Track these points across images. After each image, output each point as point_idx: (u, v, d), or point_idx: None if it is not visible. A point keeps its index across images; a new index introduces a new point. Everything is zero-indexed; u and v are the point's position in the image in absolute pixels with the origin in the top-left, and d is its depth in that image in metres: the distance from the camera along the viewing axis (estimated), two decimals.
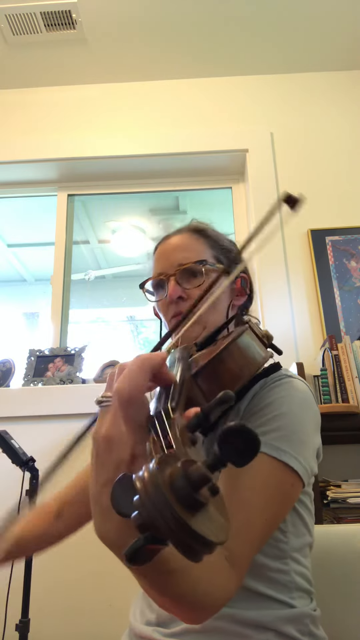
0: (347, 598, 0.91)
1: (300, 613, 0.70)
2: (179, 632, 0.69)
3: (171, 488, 0.26)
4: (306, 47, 2.26)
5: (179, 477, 0.27)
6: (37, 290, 3.53)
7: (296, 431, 0.68)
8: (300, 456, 0.67)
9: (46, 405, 1.80)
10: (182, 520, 0.25)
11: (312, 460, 0.71)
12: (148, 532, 0.26)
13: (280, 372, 0.76)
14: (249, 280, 0.92)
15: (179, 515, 0.25)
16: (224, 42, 2.23)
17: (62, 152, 2.27)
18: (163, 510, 0.26)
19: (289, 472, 0.65)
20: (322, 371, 1.60)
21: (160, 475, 0.27)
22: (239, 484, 0.64)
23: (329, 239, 2.03)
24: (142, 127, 2.32)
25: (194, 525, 0.25)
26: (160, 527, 0.26)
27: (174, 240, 0.90)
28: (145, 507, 0.26)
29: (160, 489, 0.26)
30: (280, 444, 0.66)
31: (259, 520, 0.62)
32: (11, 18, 2.07)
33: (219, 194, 2.44)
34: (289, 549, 0.72)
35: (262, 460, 0.65)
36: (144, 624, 0.75)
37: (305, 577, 0.74)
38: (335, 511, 1.43)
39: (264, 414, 0.70)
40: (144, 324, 3.25)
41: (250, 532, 0.61)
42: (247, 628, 0.66)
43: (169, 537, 0.26)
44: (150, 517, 0.26)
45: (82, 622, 1.55)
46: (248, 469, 0.63)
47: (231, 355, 0.61)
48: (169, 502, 0.26)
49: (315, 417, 0.75)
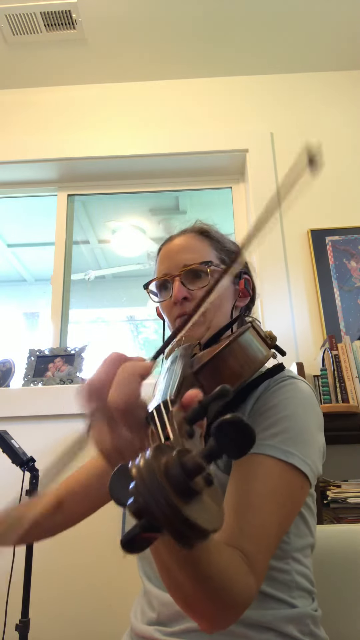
0: (347, 598, 0.91)
1: (301, 613, 0.70)
2: (179, 632, 0.69)
3: (166, 475, 0.27)
4: (306, 47, 2.26)
5: (174, 465, 0.27)
6: (37, 290, 3.53)
7: (302, 433, 0.69)
8: (308, 458, 0.67)
9: (46, 405, 1.80)
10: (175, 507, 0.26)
11: (318, 462, 0.71)
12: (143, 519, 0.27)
13: (284, 373, 0.77)
14: (252, 281, 0.92)
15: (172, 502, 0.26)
16: (224, 42, 2.23)
17: (62, 152, 2.27)
18: (157, 497, 0.26)
19: (297, 474, 0.66)
20: (322, 371, 1.60)
21: (155, 463, 0.28)
22: (250, 489, 0.64)
23: (329, 239, 2.03)
24: (142, 127, 2.32)
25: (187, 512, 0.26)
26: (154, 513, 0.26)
27: (179, 241, 0.91)
28: (140, 493, 0.27)
29: (155, 476, 0.27)
30: (287, 446, 0.66)
31: (273, 524, 0.63)
32: (11, 18, 2.07)
33: (219, 194, 2.44)
34: (290, 550, 0.72)
35: (271, 464, 0.65)
36: (145, 623, 0.75)
37: (306, 577, 0.74)
38: (335, 511, 1.43)
39: (269, 416, 0.70)
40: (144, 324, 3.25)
41: (266, 537, 0.61)
42: (248, 628, 0.66)
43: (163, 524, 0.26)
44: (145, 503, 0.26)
45: (82, 622, 1.55)
46: (257, 473, 0.64)
47: (233, 353, 0.61)
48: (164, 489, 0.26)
49: (319, 418, 0.76)
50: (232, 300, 0.89)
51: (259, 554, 0.59)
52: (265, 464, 0.65)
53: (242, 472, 0.66)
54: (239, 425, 0.28)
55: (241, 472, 0.66)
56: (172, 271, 0.87)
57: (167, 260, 0.89)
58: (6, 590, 1.39)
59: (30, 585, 1.30)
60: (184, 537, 0.26)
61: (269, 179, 2.15)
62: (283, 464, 0.65)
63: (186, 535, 0.26)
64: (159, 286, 0.90)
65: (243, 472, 0.66)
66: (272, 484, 0.64)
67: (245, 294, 0.91)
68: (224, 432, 0.28)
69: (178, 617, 0.70)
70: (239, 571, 0.56)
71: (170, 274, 0.87)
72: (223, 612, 0.54)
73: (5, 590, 1.40)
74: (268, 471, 0.65)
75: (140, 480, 0.27)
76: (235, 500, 0.64)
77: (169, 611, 0.72)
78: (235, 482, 0.66)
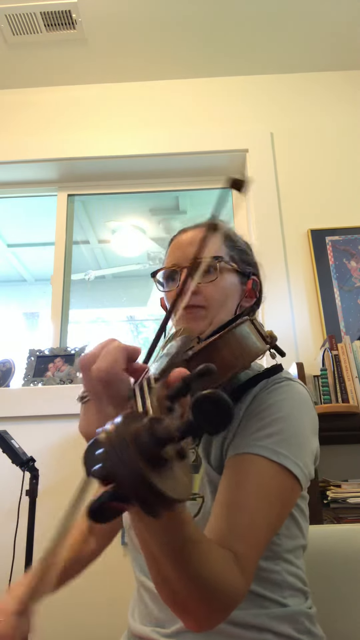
0: (347, 598, 0.92)
1: (294, 612, 0.70)
2: (176, 632, 0.69)
3: (135, 440, 0.27)
4: (306, 47, 2.26)
5: (144, 432, 0.27)
6: (37, 290, 3.53)
7: (295, 435, 0.69)
8: (300, 461, 0.67)
9: (46, 405, 1.80)
10: (141, 473, 0.25)
11: (310, 465, 0.71)
12: (111, 486, 0.26)
13: (281, 375, 0.77)
14: (260, 283, 0.92)
15: (139, 467, 0.25)
16: (223, 43, 2.23)
17: (62, 152, 2.27)
18: (125, 462, 0.26)
19: (289, 476, 0.66)
20: (322, 371, 1.60)
21: (124, 428, 0.27)
22: (240, 489, 0.64)
23: (329, 239, 2.03)
24: (142, 127, 2.32)
25: (153, 479, 0.25)
26: (120, 478, 0.26)
27: (191, 234, 0.90)
28: (108, 458, 0.27)
29: (124, 440, 0.26)
30: (280, 448, 0.66)
31: (263, 525, 0.62)
32: (11, 18, 2.07)
33: None
34: (281, 551, 0.72)
35: (263, 464, 0.65)
36: (142, 624, 0.75)
37: (298, 577, 0.74)
38: (335, 511, 1.43)
39: (264, 416, 0.70)
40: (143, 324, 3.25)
41: (255, 537, 0.61)
42: (244, 629, 0.66)
43: (128, 489, 0.26)
44: (111, 467, 0.26)
45: (82, 622, 1.55)
46: (249, 473, 0.64)
47: (227, 343, 0.61)
48: (131, 454, 0.26)
49: (314, 421, 0.75)
50: (237, 299, 0.88)
51: (249, 554, 0.59)
52: (257, 464, 0.65)
53: (233, 471, 0.66)
54: (216, 400, 0.28)
55: (233, 471, 0.67)
56: (181, 262, 0.87)
57: (177, 251, 0.89)
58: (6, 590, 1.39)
59: None
60: (150, 505, 0.26)
61: (269, 179, 2.15)
62: (275, 465, 0.65)
63: (152, 502, 0.26)
64: (167, 276, 0.90)
65: (235, 471, 0.66)
66: (263, 484, 0.64)
67: (252, 295, 0.90)
68: (201, 407, 0.28)
69: (174, 617, 0.70)
70: (229, 570, 0.56)
71: (179, 264, 0.87)
72: (211, 611, 0.54)
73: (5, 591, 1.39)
74: (260, 471, 0.64)
75: (108, 444, 0.27)
76: (225, 499, 0.64)
77: (164, 610, 0.71)
78: (226, 481, 0.66)
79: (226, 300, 0.85)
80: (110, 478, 0.26)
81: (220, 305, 0.84)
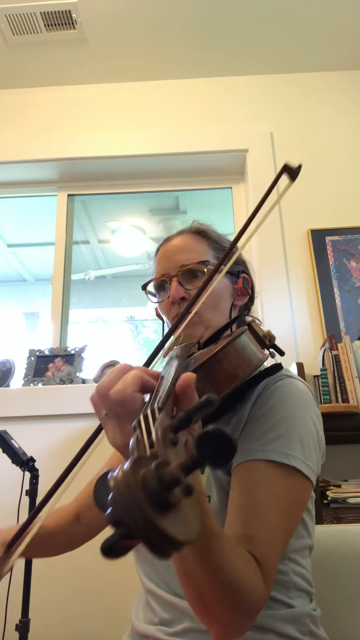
0: (347, 598, 0.91)
1: (299, 613, 0.70)
2: (181, 631, 0.69)
3: (143, 488, 0.27)
4: (306, 47, 2.26)
5: (151, 478, 0.28)
6: (37, 290, 3.53)
7: (301, 434, 0.69)
8: (308, 459, 0.67)
9: (46, 405, 1.80)
10: (150, 520, 0.26)
11: (318, 461, 0.72)
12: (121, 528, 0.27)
13: (281, 372, 0.77)
14: (250, 280, 0.92)
15: (147, 515, 0.26)
16: (223, 43, 2.23)
17: (62, 152, 2.27)
18: (133, 510, 0.27)
19: (299, 476, 0.66)
20: (322, 371, 1.60)
21: (132, 476, 0.28)
22: (254, 495, 0.64)
23: (329, 239, 2.03)
24: (142, 127, 2.32)
25: (162, 524, 0.26)
26: (129, 525, 0.27)
27: (176, 242, 0.91)
28: (116, 505, 0.28)
29: (131, 489, 0.27)
30: (288, 449, 0.66)
31: (280, 529, 0.63)
32: (11, 18, 2.07)
33: (219, 194, 2.44)
34: (287, 551, 0.72)
35: (274, 468, 0.65)
36: (147, 622, 0.75)
37: (304, 578, 0.74)
38: (335, 511, 1.43)
39: (268, 418, 0.70)
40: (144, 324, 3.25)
41: (274, 542, 0.61)
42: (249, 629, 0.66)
43: (137, 535, 0.27)
44: (121, 515, 0.27)
45: (82, 622, 1.55)
46: (261, 479, 0.65)
47: (227, 356, 0.61)
48: (139, 502, 0.27)
49: (317, 415, 0.76)
50: (230, 299, 0.88)
51: (268, 559, 0.59)
52: (267, 470, 0.65)
53: (245, 479, 0.67)
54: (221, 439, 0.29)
55: (245, 479, 0.67)
56: (170, 271, 0.87)
57: (164, 260, 0.90)
58: (6, 590, 1.39)
59: (30, 586, 1.30)
60: (159, 548, 0.27)
61: (269, 179, 2.14)
62: (285, 467, 0.65)
63: (160, 546, 0.27)
64: (157, 287, 0.91)
65: (246, 479, 0.66)
66: (275, 489, 0.64)
67: (244, 292, 0.91)
68: (205, 444, 0.29)
69: (179, 617, 0.70)
70: (252, 571, 0.56)
71: (167, 274, 0.87)
72: (238, 616, 0.54)
73: (5, 590, 1.39)
74: (271, 475, 0.65)
75: (117, 492, 0.28)
76: (240, 508, 0.64)
77: (170, 611, 0.72)
78: (239, 489, 0.66)
79: (218, 303, 0.85)
80: (120, 524, 0.28)
81: (212, 308, 0.84)
